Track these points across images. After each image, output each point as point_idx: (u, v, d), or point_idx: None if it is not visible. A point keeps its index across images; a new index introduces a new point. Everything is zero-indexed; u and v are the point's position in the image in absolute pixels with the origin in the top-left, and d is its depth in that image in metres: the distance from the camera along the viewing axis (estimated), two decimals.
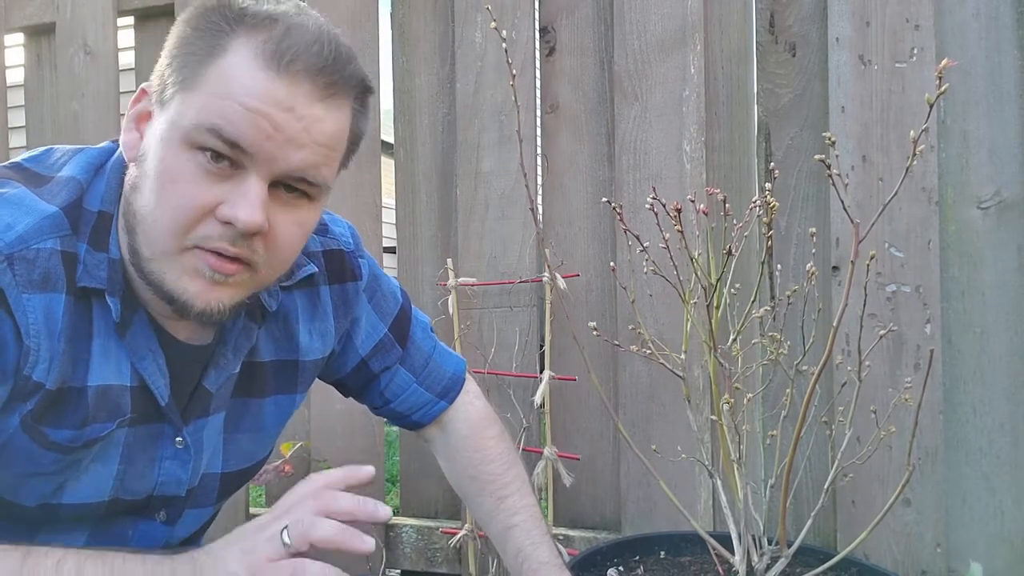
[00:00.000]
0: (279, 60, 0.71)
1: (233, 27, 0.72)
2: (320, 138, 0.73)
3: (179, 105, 0.73)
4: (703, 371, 1.51)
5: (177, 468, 0.87)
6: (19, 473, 0.77)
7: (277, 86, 0.70)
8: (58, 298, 0.74)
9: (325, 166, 0.76)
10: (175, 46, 0.77)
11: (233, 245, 0.73)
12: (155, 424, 0.84)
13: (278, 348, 0.95)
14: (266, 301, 0.90)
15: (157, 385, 0.82)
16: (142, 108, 0.79)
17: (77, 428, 0.77)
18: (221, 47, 0.72)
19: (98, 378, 0.78)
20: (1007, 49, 1.42)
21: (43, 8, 2.13)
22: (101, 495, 0.82)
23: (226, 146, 0.70)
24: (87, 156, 0.82)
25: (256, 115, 0.70)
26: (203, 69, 0.72)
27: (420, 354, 1.10)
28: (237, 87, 0.70)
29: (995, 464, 1.42)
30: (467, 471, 1.10)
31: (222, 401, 0.89)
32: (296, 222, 0.77)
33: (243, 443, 0.95)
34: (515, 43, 1.69)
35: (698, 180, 1.55)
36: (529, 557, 1.01)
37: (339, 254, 1.00)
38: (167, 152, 0.72)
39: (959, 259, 1.44)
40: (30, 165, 0.80)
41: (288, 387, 0.97)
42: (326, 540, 0.68)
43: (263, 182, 0.72)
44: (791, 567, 1.12)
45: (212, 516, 0.99)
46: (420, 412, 1.11)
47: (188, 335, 0.85)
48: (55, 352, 0.74)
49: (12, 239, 0.71)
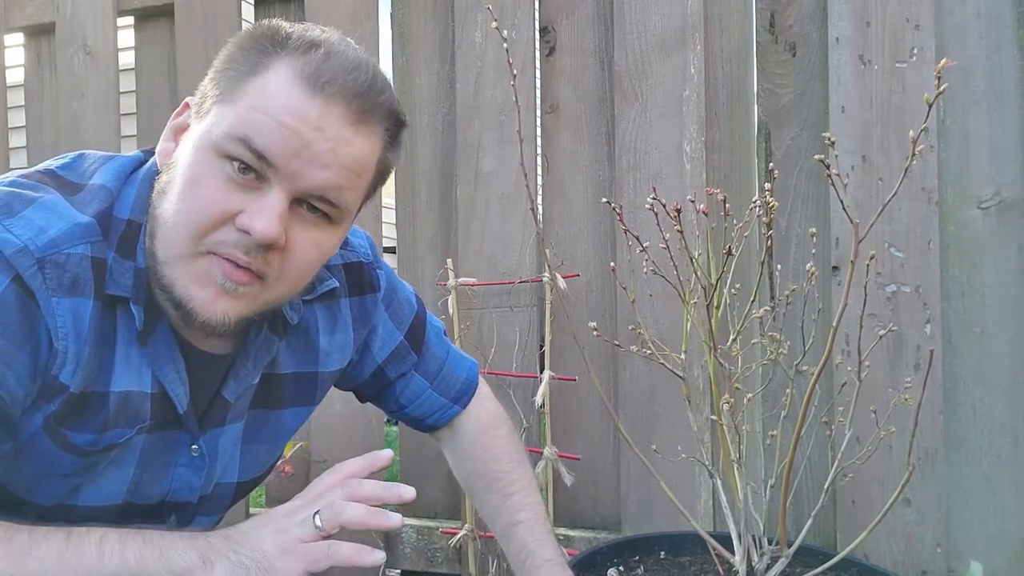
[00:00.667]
0: (316, 81, 0.73)
1: (277, 49, 0.75)
2: (346, 161, 0.75)
3: (215, 116, 0.75)
4: (703, 371, 1.51)
5: (191, 475, 0.88)
6: (37, 473, 0.79)
7: (311, 105, 0.72)
8: (86, 303, 0.75)
9: (349, 190, 0.77)
10: (221, 63, 0.79)
11: (247, 255, 0.74)
12: (172, 431, 0.85)
13: (298, 360, 0.96)
14: (288, 314, 0.91)
15: (176, 393, 0.83)
16: (182, 121, 0.81)
17: (98, 432, 0.79)
18: (263, 65, 0.74)
19: (121, 384, 0.79)
20: (1007, 49, 1.42)
21: (43, 8, 2.13)
22: (115, 498, 0.84)
23: (254, 157, 0.72)
24: (118, 164, 0.84)
25: (287, 130, 0.72)
26: (243, 84, 0.74)
27: (434, 360, 1.12)
28: (272, 102, 0.72)
29: (995, 464, 1.42)
30: (475, 469, 1.12)
31: (240, 411, 0.90)
32: (314, 242, 0.78)
33: (260, 453, 0.96)
34: (515, 43, 1.69)
35: (698, 180, 1.55)
36: (532, 554, 1.01)
37: (359, 267, 1.01)
38: (197, 158, 0.74)
39: (959, 259, 1.44)
40: (63, 173, 0.82)
41: (307, 399, 0.99)
42: (356, 521, 0.72)
43: (285, 197, 0.74)
44: (791, 567, 1.12)
45: (219, 520, 1.00)
46: (434, 416, 1.13)
47: (209, 345, 0.86)
48: (81, 356, 0.75)
49: (44, 243, 0.72)
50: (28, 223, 0.72)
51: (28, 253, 0.71)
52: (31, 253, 0.71)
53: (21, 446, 0.76)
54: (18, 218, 0.72)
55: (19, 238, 0.71)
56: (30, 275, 0.71)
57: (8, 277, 0.70)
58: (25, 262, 0.71)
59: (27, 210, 0.73)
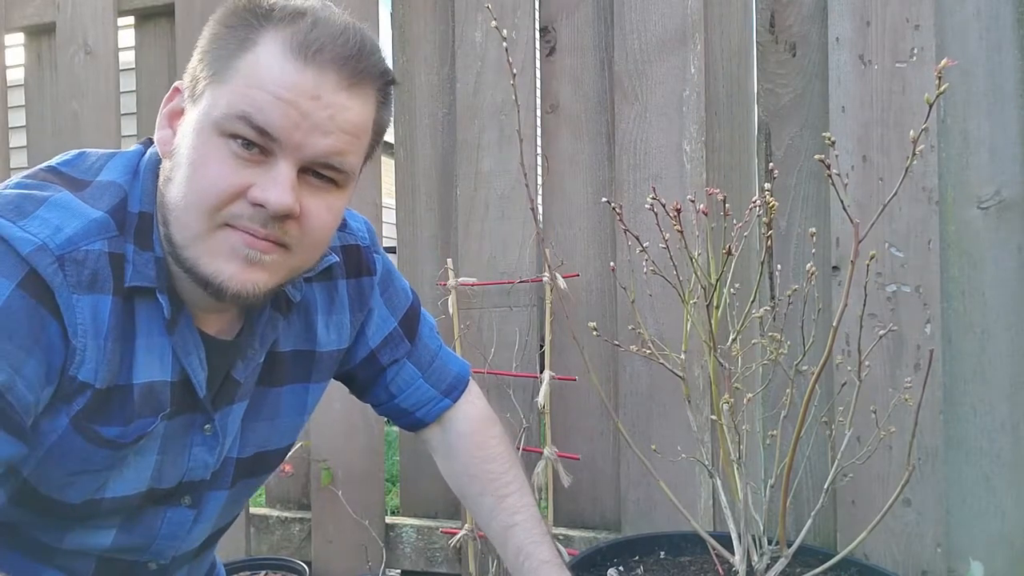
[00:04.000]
0: (306, 51, 0.73)
1: (262, 22, 0.75)
2: (345, 126, 0.76)
3: (210, 97, 0.75)
4: (703, 371, 1.51)
5: (205, 453, 0.89)
6: (70, 472, 0.79)
7: (305, 76, 0.73)
8: (105, 299, 0.75)
9: (351, 153, 0.78)
10: (207, 43, 0.79)
11: (264, 227, 0.75)
12: (189, 415, 0.86)
13: (297, 339, 0.97)
14: (290, 292, 0.92)
15: (199, 379, 0.84)
16: (175, 105, 0.81)
17: (124, 425, 0.80)
18: (251, 41, 0.75)
19: (143, 375, 0.80)
20: (1008, 49, 1.42)
21: (43, 8, 2.13)
22: (139, 487, 0.85)
23: (256, 133, 0.73)
24: (124, 159, 0.84)
25: (285, 103, 0.72)
26: (234, 62, 0.75)
27: (427, 351, 1.12)
28: (266, 77, 0.73)
29: (995, 464, 1.42)
30: (468, 469, 1.11)
31: (247, 390, 0.92)
32: (327, 207, 0.79)
33: (260, 430, 0.97)
34: (515, 43, 1.69)
35: (698, 180, 1.55)
36: (530, 556, 1.01)
37: (356, 249, 1.02)
38: (199, 141, 0.75)
39: (959, 259, 1.44)
40: (66, 169, 0.82)
41: (303, 376, 0.99)
42: None
43: (292, 167, 0.75)
44: (791, 567, 1.12)
45: (232, 509, 1.00)
46: (424, 409, 1.12)
47: (218, 330, 0.87)
48: (101, 352, 0.76)
49: (62, 241, 0.72)
50: (44, 222, 0.73)
51: (48, 251, 0.71)
52: (51, 251, 0.71)
53: (52, 449, 0.77)
54: (32, 218, 0.72)
55: (37, 236, 0.71)
56: (51, 273, 0.71)
57: (14, 281, 0.70)
58: (45, 260, 0.71)
59: (39, 209, 0.73)
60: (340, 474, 1.84)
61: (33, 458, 0.76)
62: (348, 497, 1.82)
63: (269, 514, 1.97)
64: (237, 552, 1.89)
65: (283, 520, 1.95)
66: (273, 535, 1.95)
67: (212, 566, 1.08)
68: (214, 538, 1.01)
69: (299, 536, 1.93)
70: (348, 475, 1.84)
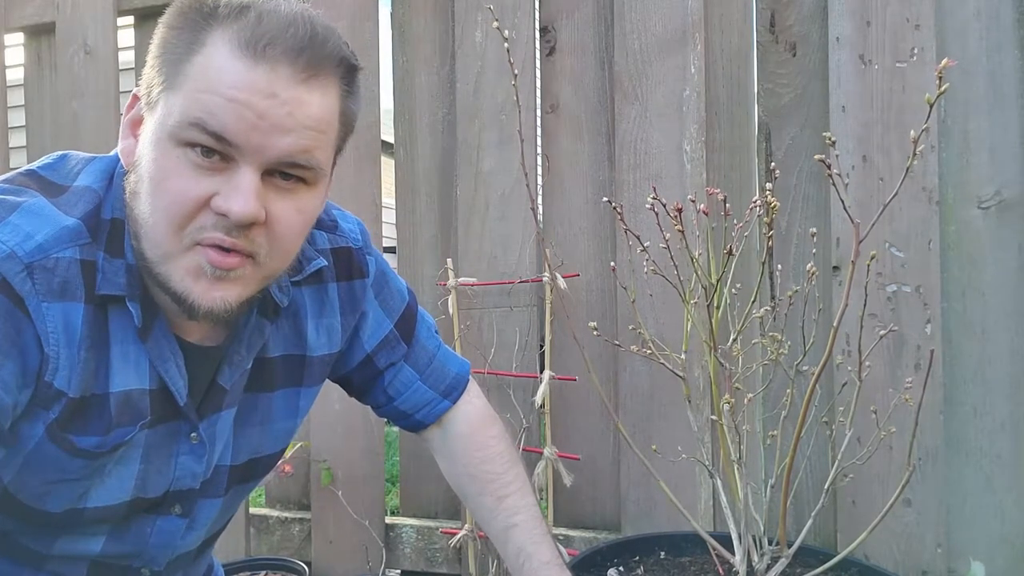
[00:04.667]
0: (255, 46, 0.70)
1: (208, 21, 0.72)
2: (307, 121, 0.73)
3: (164, 105, 0.73)
4: (703, 371, 1.51)
5: (193, 463, 0.88)
6: (47, 481, 0.78)
7: (256, 73, 0.70)
8: (76, 307, 0.74)
9: (317, 149, 0.75)
10: (157, 48, 0.76)
11: (229, 235, 0.72)
12: (172, 423, 0.85)
13: (287, 343, 0.95)
14: (278, 297, 0.90)
15: (177, 387, 0.82)
16: (135, 114, 0.79)
17: (102, 434, 0.78)
18: (199, 42, 0.72)
19: (119, 384, 0.79)
20: (1008, 49, 1.42)
21: (43, 8, 2.13)
22: (123, 496, 0.83)
23: (212, 139, 0.70)
24: (101, 164, 0.83)
25: (238, 105, 0.70)
26: (183, 67, 0.72)
27: (425, 352, 1.11)
28: (217, 80, 0.70)
29: (996, 464, 1.42)
30: (468, 469, 1.10)
31: (235, 396, 0.90)
32: (296, 209, 0.76)
33: (252, 436, 0.96)
34: (515, 43, 1.69)
35: (698, 180, 1.55)
36: (531, 556, 1.01)
37: (348, 251, 1.00)
38: (158, 153, 0.73)
39: (959, 259, 1.44)
40: (46, 174, 0.81)
41: (295, 381, 0.98)
42: None
43: (255, 172, 0.72)
44: (791, 567, 1.12)
45: (227, 514, 1.00)
46: (423, 411, 1.11)
47: (201, 337, 0.85)
48: (75, 360, 0.74)
49: (32, 248, 0.71)
50: (14, 229, 0.72)
51: (16, 259, 0.70)
52: (19, 259, 0.70)
53: (28, 457, 0.76)
54: (3, 224, 0.72)
55: (6, 244, 0.70)
56: (19, 281, 0.70)
57: None
58: (13, 268, 0.70)
59: (11, 216, 0.73)
60: (340, 474, 1.84)
61: (12, 464, 0.75)
62: (348, 497, 1.82)
63: (269, 514, 1.97)
64: (237, 552, 1.89)
65: (283, 520, 1.95)
66: (273, 535, 1.95)
67: (210, 567, 1.07)
68: (210, 542, 1.00)
69: (299, 536, 1.93)
70: (348, 475, 1.83)
